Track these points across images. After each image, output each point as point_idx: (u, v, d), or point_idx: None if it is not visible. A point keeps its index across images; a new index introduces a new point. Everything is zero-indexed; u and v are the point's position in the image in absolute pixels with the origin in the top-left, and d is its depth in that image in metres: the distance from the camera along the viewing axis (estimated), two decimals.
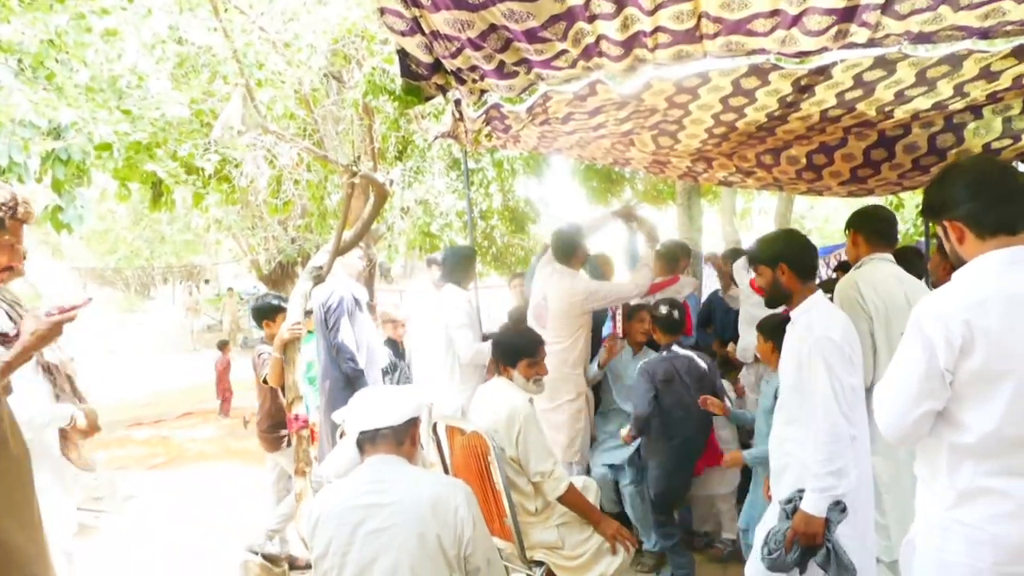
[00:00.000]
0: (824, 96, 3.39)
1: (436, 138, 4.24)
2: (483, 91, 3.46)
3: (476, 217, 10.71)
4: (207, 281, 23.73)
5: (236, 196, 6.21)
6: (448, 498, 2.09)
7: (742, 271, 4.22)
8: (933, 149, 3.85)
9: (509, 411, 3.04)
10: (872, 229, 3.20)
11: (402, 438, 2.23)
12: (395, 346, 5.79)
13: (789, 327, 2.71)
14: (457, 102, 3.81)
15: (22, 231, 2.29)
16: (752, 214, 14.36)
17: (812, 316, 2.57)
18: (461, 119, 3.96)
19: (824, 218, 22.33)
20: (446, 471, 3.39)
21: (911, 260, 3.94)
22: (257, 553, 4.37)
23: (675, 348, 3.91)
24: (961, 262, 1.82)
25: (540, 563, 3.09)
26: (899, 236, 3.34)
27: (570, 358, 4.15)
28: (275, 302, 4.58)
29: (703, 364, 3.88)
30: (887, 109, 3.48)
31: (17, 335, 2.27)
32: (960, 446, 1.73)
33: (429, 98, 3.50)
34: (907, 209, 7.16)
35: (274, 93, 4.81)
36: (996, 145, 3.69)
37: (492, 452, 2.88)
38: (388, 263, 8.30)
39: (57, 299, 2.46)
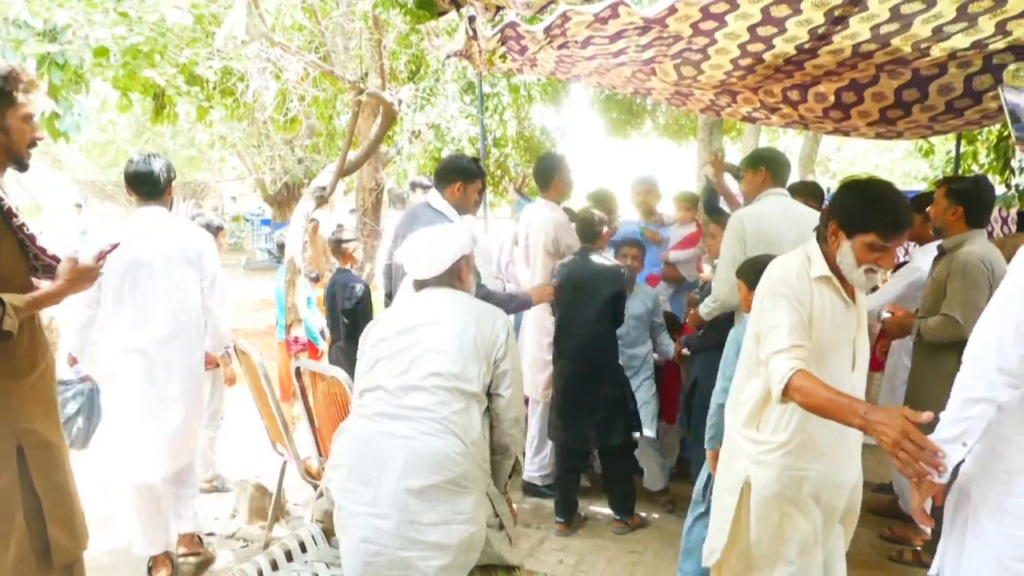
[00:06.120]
0: (858, 29, 3.19)
1: (448, 57, 4.07)
2: (499, 8, 3.31)
3: (489, 144, 10.49)
4: (233, 199, 23.97)
5: (241, 112, 6.05)
6: (490, 312, 2.51)
7: None
8: (969, 91, 3.66)
9: None
10: (778, 169, 3.56)
11: (449, 278, 2.56)
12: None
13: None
14: (471, 19, 3.63)
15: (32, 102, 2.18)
16: None
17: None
18: (475, 38, 3.79)
19: (851, 161, 21.75)
20: (310, 417, 3.44)
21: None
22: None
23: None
24: None
25: None
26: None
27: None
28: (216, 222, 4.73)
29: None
30: (923, 46, 3.28)
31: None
32: None
33: (442, 13, 3.35)
34: (937, 155, 6.84)
35: (280, 1, 4.59)
36: None
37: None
38: (398, 188, 8.15)
39: (93, 245, 2.45)
